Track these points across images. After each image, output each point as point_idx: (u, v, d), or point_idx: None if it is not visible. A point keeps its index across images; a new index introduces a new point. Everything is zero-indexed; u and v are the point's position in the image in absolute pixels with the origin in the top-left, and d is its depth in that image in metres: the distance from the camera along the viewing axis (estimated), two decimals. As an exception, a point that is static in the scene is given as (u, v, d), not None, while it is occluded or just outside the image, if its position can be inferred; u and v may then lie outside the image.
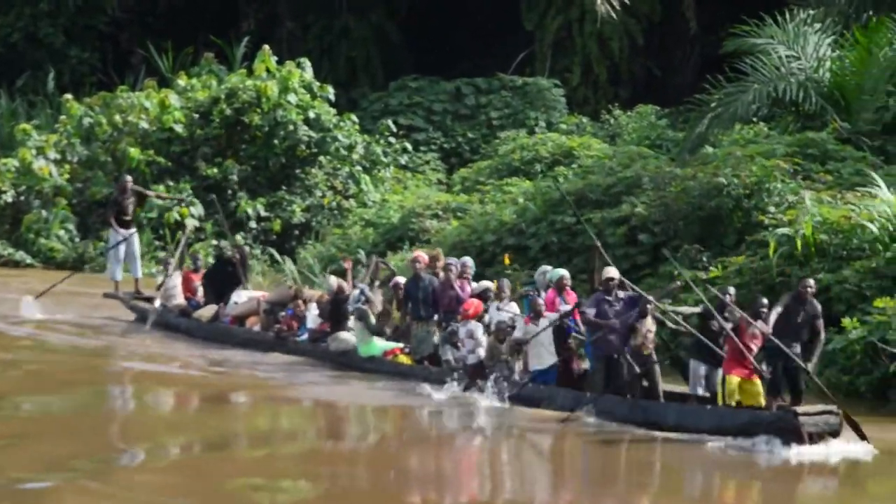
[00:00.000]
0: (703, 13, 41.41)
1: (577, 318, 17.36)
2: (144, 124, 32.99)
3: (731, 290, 16.98)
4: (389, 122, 36.36)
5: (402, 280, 19.54)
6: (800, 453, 14.43)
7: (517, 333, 17.21)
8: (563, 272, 18.55)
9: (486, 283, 19.18)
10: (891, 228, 20.42)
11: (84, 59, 43.97)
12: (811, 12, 28.83)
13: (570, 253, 24.19)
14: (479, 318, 18.12)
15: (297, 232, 32.55)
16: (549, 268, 19.12)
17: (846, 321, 18.61)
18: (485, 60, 42.88)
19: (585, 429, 15.57)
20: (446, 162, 38.55)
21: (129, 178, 25.21)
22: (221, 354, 20.37)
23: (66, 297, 24.91)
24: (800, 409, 14.87)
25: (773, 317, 15.81)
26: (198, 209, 31.72)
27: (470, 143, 39.01)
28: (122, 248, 24.07)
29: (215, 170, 32.66)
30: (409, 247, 28.79)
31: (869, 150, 25.40)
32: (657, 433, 15.27)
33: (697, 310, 16.85)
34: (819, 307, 16.29)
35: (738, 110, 26.55)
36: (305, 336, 20.35)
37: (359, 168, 33.75)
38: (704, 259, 22.09)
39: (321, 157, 33.48)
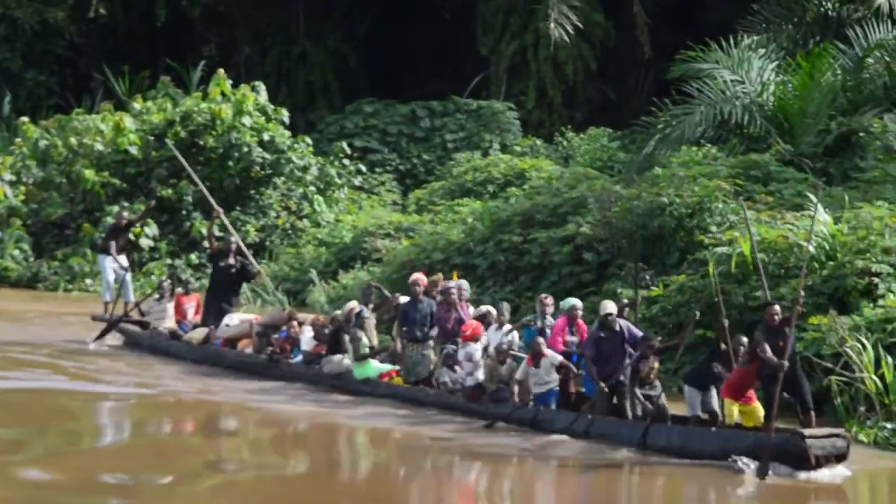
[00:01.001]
0: (658, 38, 41.95)
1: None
2: (100, 146, 33.32)
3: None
4: (343, 144, 36.80)
5: (404, 299, 19.24)
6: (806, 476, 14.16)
7: (519, 374, 16.83)
8: (575, 302, 18.08)
9: (486, 308, 18.92)
10: (826, 248, 20.86)
11: (41, 83, 44.31)
12: (755, 38, 29.40)
13: (517, 271, 24.62)
14: (476, 340, 17.80)
15: (251, 251, 32.74)
16: (573, 300, 18.27)
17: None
18: (441, 84, 43.40)
19: (587, 453, 15.28)
20: (402, 183, 38.98)
21: (125, 214, 25.80)
22: (212, 378, 19.99)
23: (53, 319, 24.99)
24: (807, 431, 14.49)
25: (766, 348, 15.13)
26: (152, 229, 32.03)
27: (425, 164, 39.47)
28: (111, 273, 24.19)
29: (170, 191, 32.98)
30: (361, 266, 29.20)
31: (811, 172, 25.90)
32: (660, 457, 15.03)
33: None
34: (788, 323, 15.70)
35: (685, 132, 26.99)
36: (299, 358, 19.86)
37: (313, 189, 34.13)
38: (647, 277, 22.49)
39: (275, 179, 33.83)
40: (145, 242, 31.88)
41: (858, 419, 16.97)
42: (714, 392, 15.64)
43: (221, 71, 35.14)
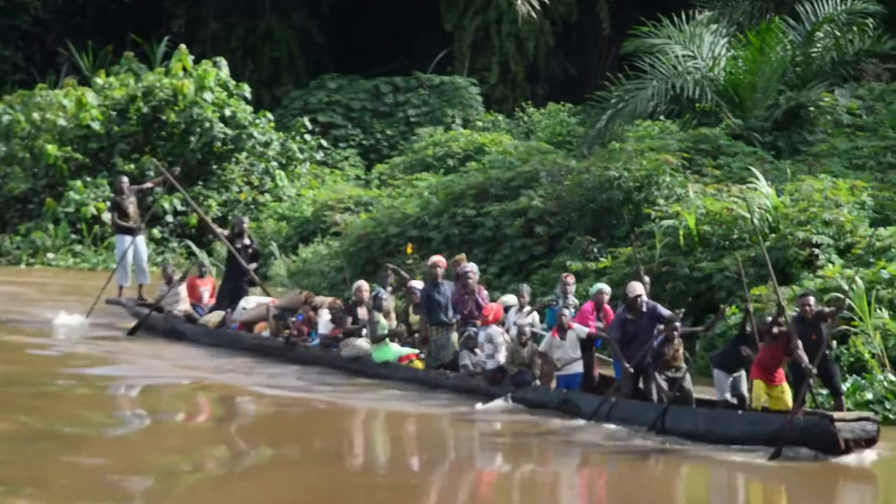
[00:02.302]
0: (618, 15, 42.16)
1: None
2: (62, 122, 33.41)
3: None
4: (305, 119, 36.92)
5: (416, 284, 19.01)
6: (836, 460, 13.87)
7: (543, 346, 16.68)
8: (602, 286, 17.61)
9: (508, 298, 18.58)
10: (769, 220, 21.15)
11: (6, 58, 44.18)
12: (707, 14, 29.62)
13: (471, 244, 24.83)
14: (499, 324, 17.50)
15: (143, 224, 32.88)
16: (601, 285, 17.81)
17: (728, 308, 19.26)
18: (406, 60, 43.55)
19: (611, 438, 14.95)
20: (365, 158, 39.16)
21: (124, 178, 24.97)
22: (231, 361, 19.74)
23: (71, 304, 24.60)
24: (836, 415, 14.10)
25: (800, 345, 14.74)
26: (114, 203, 32.19)
27: (388, 139, 39.64)
28: (130, 254, 23.72)
29: (132, 166, 33.08)
30: (321, 239, 29.41)
31: (760, 146, 26.17)
32: (686, 441, 14.68)
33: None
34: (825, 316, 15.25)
35: (638, 106, 27.17)
36: (317, 341, 19.59)
37: (274, 164, 34.27)
38: (596, 249, 22.76)
39: (237, 154, 33.97)
40: (107, 217, 31.88)
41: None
42: (743, 375, 15.37)
43: (183, 47, 35.24)
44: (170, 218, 32.90)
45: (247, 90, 34.71)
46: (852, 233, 20.51)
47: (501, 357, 16.99)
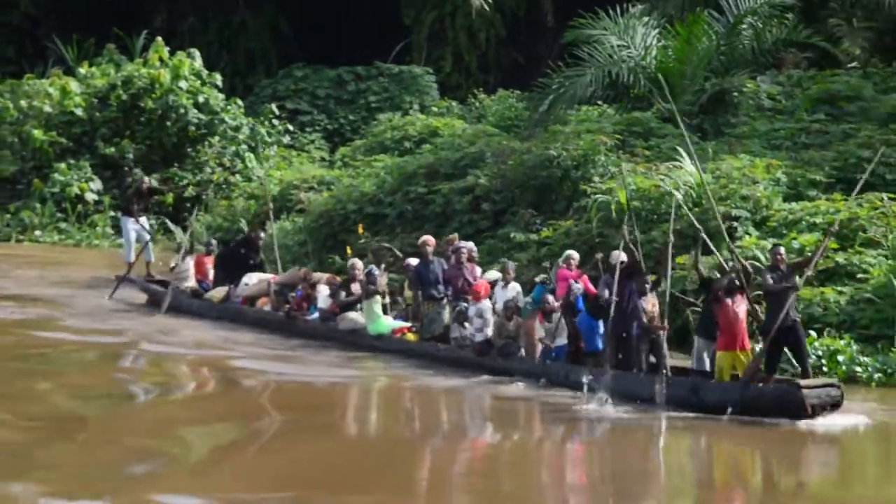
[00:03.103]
0: (562, 9, 42.09)
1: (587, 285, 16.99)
2: (48, 108, 33.36)
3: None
4: (273, 106, 36.88)
5: (412, 261, 18.94)
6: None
7: (537, 332, 16.55)
8: (570, 252, 17.87)
9: (494, 273, 18.52)
10: (693, 195, 21.27)
11: (-1, 52, 44.03)
12: (640, 7, 29.69)
13: (423, 220, 24.89)
14: (490, 299, 17.52)
15: (188, 204, 32.94)
16: (570, 252, 18.04)
17: (652, 276, 19.32)
18: (368, 51, 43.39)
19: (594, 408, 14.80)
20: (330, 141, 39.00)
21: (146, 179, 25.69)
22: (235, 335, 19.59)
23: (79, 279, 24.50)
24: (802, 382, 14.17)
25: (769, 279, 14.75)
26: (96, 184, 32.21)
27: (351, 124, 39.52)
28: (133, 233, 23.82)
29: (113, 149, 33.22)
30: (286, 216, 29.33)
31: (687, 128, 26.21)
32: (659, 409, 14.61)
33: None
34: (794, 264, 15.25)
35: (577, 92, 27.24)
36: (316, 315, 19.59)
37: (244, 147, 34.19)
38: (538, 222, 22.87)
39: (210, 138, 33.91)
40: (90, 196, 32.02)
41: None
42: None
43: (160, 39, 35.20)
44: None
45: (218, 79, 34.71)
46: (767, 207, 20.68)
47: (489, 331, 16.99)
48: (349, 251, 22.62)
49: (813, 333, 16.86)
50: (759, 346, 14.93)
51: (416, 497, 11.25)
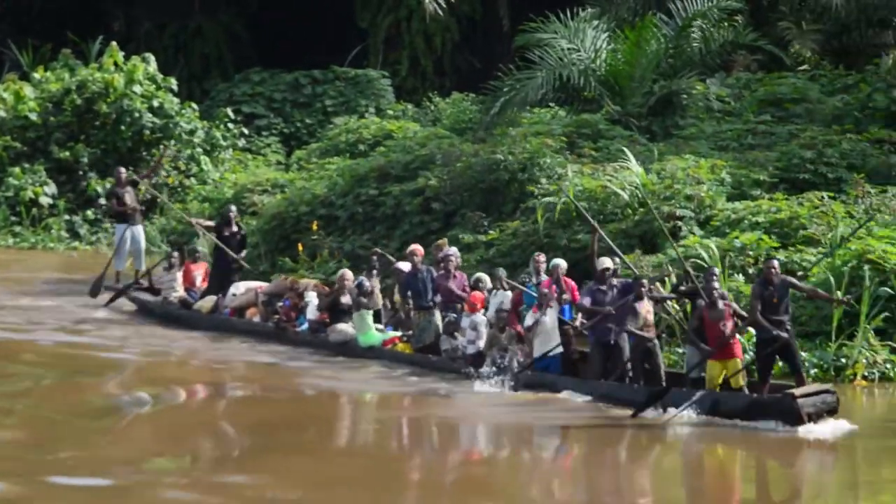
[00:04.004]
0: (517, 13, 42.33)
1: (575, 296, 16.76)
2: (2, 113, 33.42)
3: (716, 270, 15.68)
4: (228, 109, 36.93)
5: (403, 266, 18.68)
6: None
7: (528, 320, 16.37)
8: (559, 261, 17.33)
9: (479, 275, 18.26)
10: (639, 195, 21.51)
11: (-45, 57, 43.83)
12: (590, 10, 29.96)
13: (374, 221, 25.04)
14: (485, 311, 17.23)
15: (143, 208, 32.90)
16: (557, 260, 17.47)
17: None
18: (324, 55, 43.47)
19: (584, 413, 14.89)
20: (286, 145, 39.05)
21: (122, 169, 24.46)
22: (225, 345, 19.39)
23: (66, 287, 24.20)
24: (797, 391, 14.06)
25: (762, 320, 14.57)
26: (51, 188, 32.25)
27: (307, 127, 39.58)
28: (128, 241, 23.23)
29: (67, 153, 33.21)
30: (241, 219, 29.36)
31: (637, 130, 26.54)
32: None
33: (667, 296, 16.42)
34: (789, 281, 14.95)
35: (528, 95, 27.42)
36: (305, 326, 19.28)
37: (199, 150, 34.25)
38: (486, 224, 23.04)
39: (165, 141, 33.92)
40: (45, 200, 32.06)
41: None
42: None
43: (114, 44, 35.20)
44: (102, 201, 32.75)
45: (173, 83, 34.77)
46: (711, 206, 20.95)
47: (482, 343, 16.79)
48: (301, 248, 22.73)
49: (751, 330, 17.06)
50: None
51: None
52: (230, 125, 36.42)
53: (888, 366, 16.78)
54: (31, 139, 33.39)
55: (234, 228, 21.86)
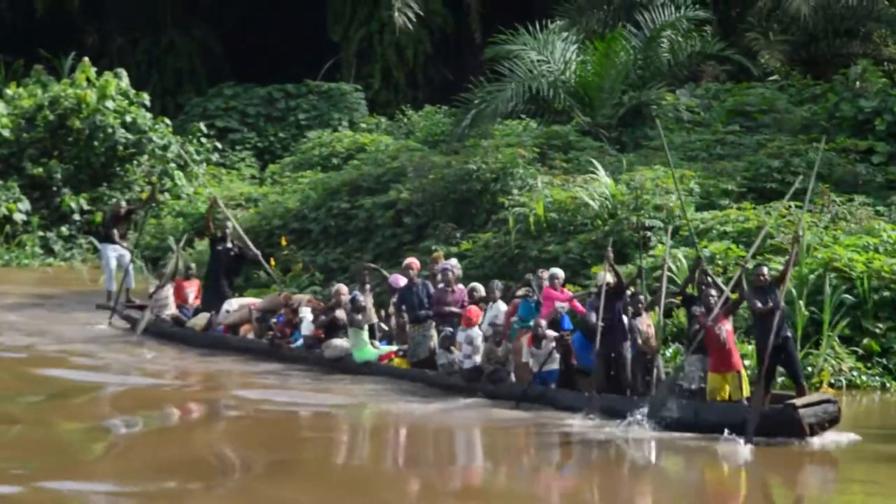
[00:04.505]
0: (489, 25, 42.48)
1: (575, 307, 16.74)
2: (-26, 129, 33.35)
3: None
4: (201, 124, 37.00)
5: (400, 279, 18.59)
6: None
7: (523, 356, 16.11)
8: (556, 270, 17.34)
9: (474, 284, 18.12)
10: (608, 206, 21.67)
11: (-73, 74, 43.70)
12: (559, 22, 30.15)
13: (346, 234, 25.18)
14: (479, 325, 16.97)
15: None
16: (555, 270, 17.53)
17: (570, 287, 19.63)
18: (298, 68, 43.57)
19: (583, 428, 14.71)
20: (260, 159, 39.09)
21: (123, 203, 25.05)
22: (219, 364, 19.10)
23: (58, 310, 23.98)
24: (798, 402, 13.89)
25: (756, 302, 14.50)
26: (24, 204, 32.27)
27: (281, 141, 39.65)
28: (114, 261, 23.31)
29: (41, 169, 33.23)
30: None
31: (606, 141, 26.72)
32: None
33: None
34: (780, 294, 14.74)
35: (498, 107, 27.63)
36: (300, 342, 19.07)
37: (173, 165, 34.29)
38: (458, 235, 23.17)
39: (139, 156, 33.99)
40: (18, 217, 32.09)
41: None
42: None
43: (86, 59, 35.27)
44: (77, 216, 32.90)
45: (146, 98, 34.85)
46: (680, 216, 21.08)
47: (478, 357, 16.57)
48: (273, 263, 22.78)
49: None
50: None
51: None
52: (203, 140, 36.44)
53: (854, 373, 16.94)
54: (4, 155, 33.39)
55: (228, 244, 21.72)
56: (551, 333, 16.08)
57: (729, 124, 26.85)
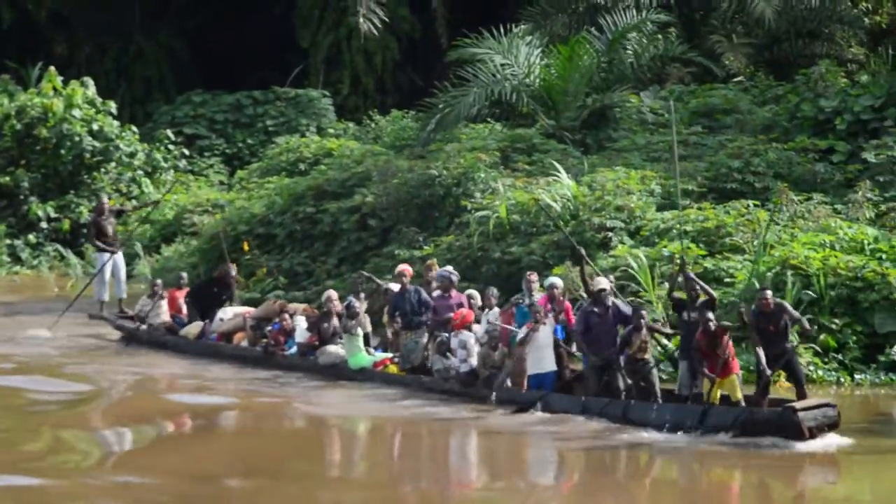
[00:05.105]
0: (456, 30, 42.56)
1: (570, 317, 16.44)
2: (-60, 139, 33.33)
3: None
4: (168, 131, 36.98)
5: (393, 287, 18.41)
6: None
7: (520, 335, 15.96)
8: (555, 280, 17.08)
9: (470, 291, 17.98)
10: (570, 207, 21.76)
11: None
12: (523, 26, 30.26)
13: (312, 239, 25.24)
14: (469, 329, 16.81)
15: (85, 230, 32.98)
16: (553, 279, 17.20)
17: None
18: (267, 75, 43.63)
19: (582, 432, 14.53)
20: (229, 165, 39.15)
21: (105, 199, 24.31)
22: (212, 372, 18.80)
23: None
24: (798, 405, 13.75)
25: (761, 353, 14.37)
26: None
27: (249, 147, 39.71)
28: (108, 269, 22.86)
29: (8, 178, 33.33)
30: (181, 240, 29.49)
31: (571, 143, 26.82)
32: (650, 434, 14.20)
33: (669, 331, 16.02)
34: (786, 310, 14.67)
35: (461, 111, 27.72)
36: (294, 349, 18.83)
37: (140, 172, 34.28)
38: (421, 239, 23.22)
39: (106, 164, 33.97)
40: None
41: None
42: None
43: (52, 69, 35.23)
44: (44, 224, 32.86)
45: (113, 106, 34.86)
46: (641, 216, 21.22)
47: (474, 361, 16.44)
48: (246, 248, 22.72)
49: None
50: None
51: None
52: (171, 147, 36.44)
53: (811, 368, 17.06)
54: (-30, 166, 33.42)
55: (229, 291, 21.34)
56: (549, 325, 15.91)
57: (692, 125, 26.97)
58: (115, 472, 12.97)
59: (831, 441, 13.71)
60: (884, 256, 18.60)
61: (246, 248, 23.90)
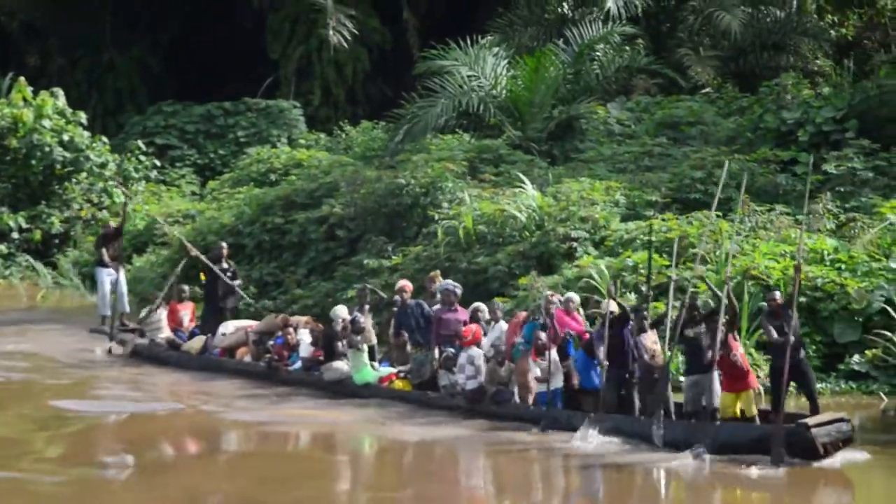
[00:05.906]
0: (426, 41, 42.68)
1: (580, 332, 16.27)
2: (-88, 150, 33.16)
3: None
4: (139, 142, 36.91)
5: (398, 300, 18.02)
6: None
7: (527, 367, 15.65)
8: (571, 295, 16.89)
9: (477, 304, 17.58)
10: (536, 218, 21.87)
11: None
12: (489, 38, 30.42)
13: (280, 249, 25.27)
14: (478, 345, 16.47)
15: (56, 241, 32.99)
16: (571, 294, 17.04)
17: (498, 298, 19.77)
18: (238, 86, 43.60)
19: (593, 447, 14.23)
20: (201, 175, 38.95)
21: (111, 223, 24.30)
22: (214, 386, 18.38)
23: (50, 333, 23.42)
24: (811, 421, 13.38)
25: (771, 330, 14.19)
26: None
27: (221, 158, 39.57)
28: (108, 285, 22.51)
29: (-23, 188, 33.10)
30: (152, 250, 29.43)
31: (537, 154, 26.95)
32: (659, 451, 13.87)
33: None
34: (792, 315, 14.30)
35: (429, 122, 27.87)
36: (298, 364, 18.39)
37: (112, 183, 34.20)
38: (389, 249, 23.26)
39: (77, 175, 33.90)
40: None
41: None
42: (715, 376, 14.30)
43: (22, 79, 35.05)
44: (15, 234, 32.76)
45: (83, 117, 34.74)
46: (605, 227, 21.34)
47: (481, 377, 16.12)
48: (203, 277, 22.59)
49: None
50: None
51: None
52: (142, 157, 36.39)
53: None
54: (-61, 176, 33.30)
55: (224, 265, 21.33)
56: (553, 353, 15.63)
57: (657, 136, 27.14)
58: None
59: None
60: (843, 267, 18.77)
61: (203, 278, 23.22)
